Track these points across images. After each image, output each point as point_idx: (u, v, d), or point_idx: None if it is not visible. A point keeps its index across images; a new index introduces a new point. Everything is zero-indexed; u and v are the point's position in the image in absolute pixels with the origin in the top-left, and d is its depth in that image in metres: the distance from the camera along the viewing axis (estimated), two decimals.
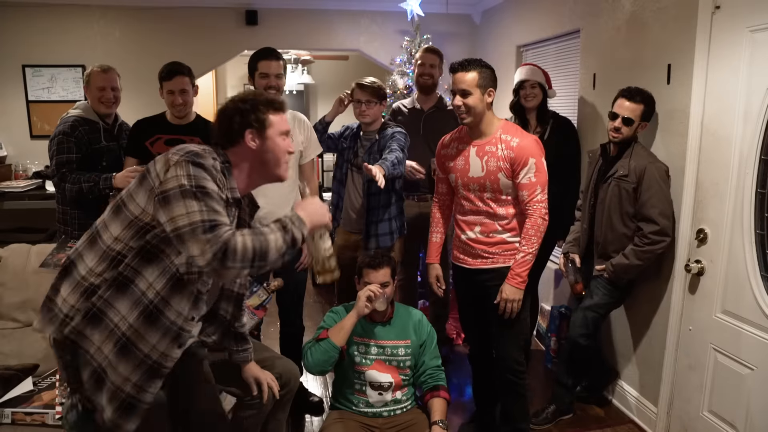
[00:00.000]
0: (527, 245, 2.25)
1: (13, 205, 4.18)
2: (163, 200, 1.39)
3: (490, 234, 2.33)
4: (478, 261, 2.37)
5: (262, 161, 1.61)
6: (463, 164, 2.34)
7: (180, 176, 1.40)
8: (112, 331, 1.44)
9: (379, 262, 2.26)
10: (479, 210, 2.33)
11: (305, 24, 4.86)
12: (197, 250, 1.35)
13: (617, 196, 2.56)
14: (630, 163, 2.52)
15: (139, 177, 1.48)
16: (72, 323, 1.44)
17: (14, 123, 4.59)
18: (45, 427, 1.96)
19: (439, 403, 2.27)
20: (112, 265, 1.45)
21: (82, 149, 2.77)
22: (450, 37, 4.96)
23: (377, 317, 2.31)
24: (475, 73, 2.21)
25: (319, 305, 4.49)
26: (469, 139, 2.36)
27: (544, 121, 3.09)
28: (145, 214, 1.43)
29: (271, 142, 1.59)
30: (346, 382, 2.31)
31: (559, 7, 3.56)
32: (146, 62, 4.28)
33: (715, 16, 2.30)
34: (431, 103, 3.33)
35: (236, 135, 1.57)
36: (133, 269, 1.44)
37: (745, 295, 2.20)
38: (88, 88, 2.87)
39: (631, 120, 2.51)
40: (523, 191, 2.25)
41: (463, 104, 2.23)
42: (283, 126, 1.62)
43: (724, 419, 2.32)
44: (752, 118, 2.14)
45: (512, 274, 2.26)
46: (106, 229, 1.48)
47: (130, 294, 1.44)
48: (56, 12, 4.47)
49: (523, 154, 2.22)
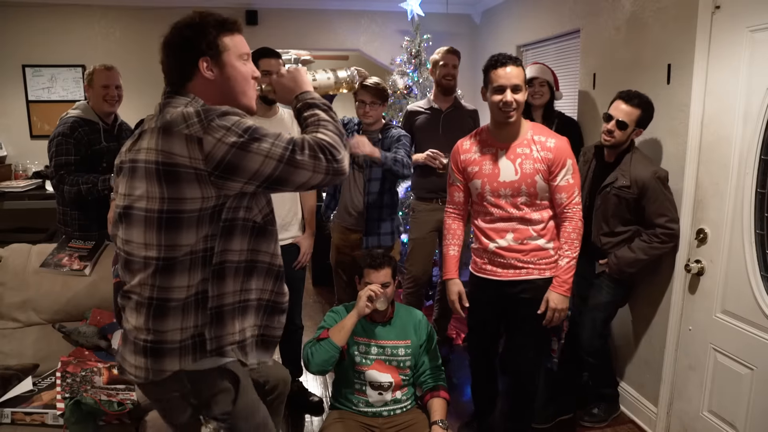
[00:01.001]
0: (571, 250, 2.18)
1: (13, 205, 4.18)
2: (228, 170, 1.24)
3: (524, 241, 2.20)
4: (511, 272, 2.24)
5: (224, 93, 1.40)
6: (491, 168, 2.20)
7: (223, 140, 1.23)
8: (234, 309, 1.39)
9: (380, 263, 2.26)
10: (511, 216, 2.20)
11: (305, 24, 4.86)
12: (307, 173, 1.27)
13: (616, 206, 2.50)
14: (631, 172, 2.45)
15: (159, 179, 1.26)
16: (207, 338, 1.35)
17: (14, 123, 4.59)
18: (45, 427, 1.96)
19: (439, 403, 2.28)
20: (204, 265, 1.33)
21: (82, 150, 2.76)
22: (450, 37, 4.95)
23: (377, 317, 2.31)
24: (521, 69, 2.12)
25: (319, 305, 4.48)
26: (494, 141, 2.23)
27: (549, 120, 3.09)
28: (207, 200, 1.28)
29: (230, 68, 1.38)
30: (346, 381, 2.31)
31: (559, 7, 3.56)
32: (147, 62, 4.26)
33: (715, 16, 2.29)
34: (449, 103, 3.35)
35: (189, 67, 1.36)
36: (220, 253, 1.34)
37: (745, 295, 2.20)
38: (90, 87, 2.84)
39: (626, 124, 2.43)
40: (561, 193, 2.17)
41: (515, 100, 2.10)
42: (242, 48, 1.41)
43: (724, 419, 2.32)
44: (752, 118, 2.14)
45: (559, 282, 2.18)
46: (173, 247, 1.29)
47: (229, 272, 1.36)
48: (57, 12, 4.47)
49: (561, 155, 2.16)
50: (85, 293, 2.47)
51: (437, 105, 3.34)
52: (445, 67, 3.29)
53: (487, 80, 2.17)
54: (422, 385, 2.36)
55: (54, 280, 2.47)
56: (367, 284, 2.24)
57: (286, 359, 2.98)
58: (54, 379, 2.08)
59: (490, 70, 2.14)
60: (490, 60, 2.16)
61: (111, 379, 2.10)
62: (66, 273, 2.49)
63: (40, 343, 2.35)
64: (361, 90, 2.80)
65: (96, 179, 2.68)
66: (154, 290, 1.31)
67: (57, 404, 1.96)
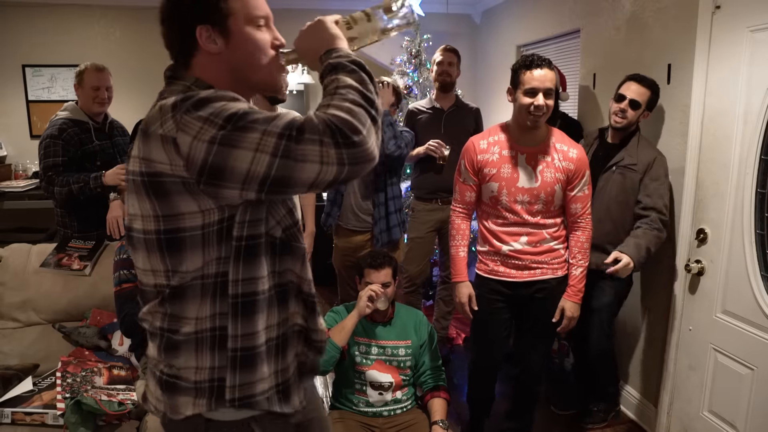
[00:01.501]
0: (584, 260, 2.21)
1: (13, 205, 4.18)
2: (214, 176, 0.94)
3: (538, 243, 2.20)
4: (526, 273, 2.22)
5: (235, 70, 1.09)
6: (511, 172, 2.15)
7: (199, 137, 0.94)
8: (268, 349, 1.10)
9: (381, 262, 2.26)
10: (526, 222, 2.18)
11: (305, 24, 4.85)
12: (314, 166, 0.92)
13: (620, 185, 2.48)
14: (638, 153, 2.46)
15: (148, 194, 1.01)
16: (227, 385, 1.06)
17: (14, 123, 4.59)
18: (45, 427, 1.95)
19: (440, 403, 2.28)
20: (217, 294, 1.05)
21: (71, 151, 2.71)
22: (450, 37, 4.95)
23: (378, 317, 2.31)
24: (554, 72, 2.07)
25: (319, 305, 4.48)
26: (514, 144, 2.17)
27: (552, 121, 3.08)
28: (209, 215, 1.01)
29: (238, 37, 1.07)
30: (346, 381, 2.31)
31: (559, 7, 3.56)
32: (146, 62, 4.29)
33: (715, 16, 2.29)
34: (450, 102, 3.36)
35: (188, 40, 1.06)
36: (242, 283, 1.05)
37: (745, 295, 2.20)
38: (80, 86, 2.80)
39: (639, 103, 2.44)
40: (577, 204, 2.19)
41: (545, 105, 2.04)
42: (256, 8, 1.10)
43: (724, 419, 2.32)
44: (752, 118, 2.14)
45: (573, 291, 2.20)
46: (176, 273, 1.04)
47: (259, 306, 1.07)
48: (56, 12, 4.47)
49: (582, 167, 2.16)
50: (85, 293, 2.47)
51: (439, 104, 3.35)
52: (440, 64, 3.30)
53: (516, 80, 2.10)
54: (422, 385, 2.36)
55: (54, 280, 2.47)
56: (367, 284, 2.24)
57: None
58: (54, 379, 2.08)
59: (522, 71, 2.06)
60: (523, 60, 2.08)
61: (111, 379, 2.10)
62: (66, 273, 2.48)
63: (40, 343, 2.35)
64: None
65: (87, 177, 2.63)
66: (165, 320, 1.07)
67: (57, 404, 1.95)
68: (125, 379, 2.14)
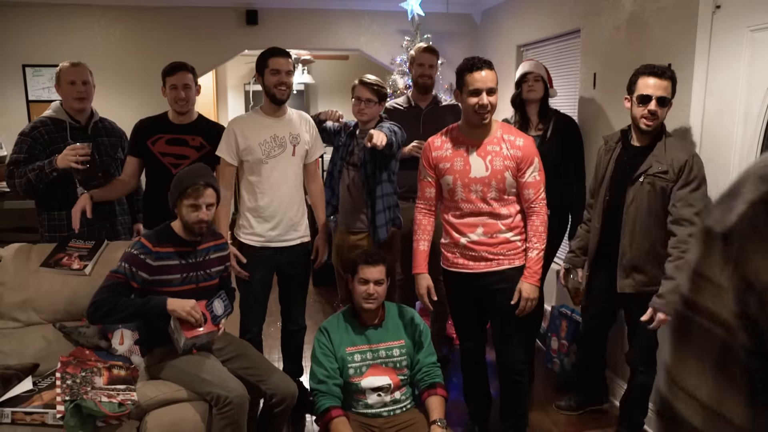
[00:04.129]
0: (539, 242, 2.29)
1: (13, 205, 4.18)
2: None
3: (494, 234, 2.31)
4: (482, 264, 2.34)
5: None
6: (463, 165, 2.30)
7: None
8: None
9: (375, 259, 2.27)
10: (481, 211, 2.30)
11: (305, 24, 4.85)
12: None
13: (651, 197, 2.24)
14: (666, 157, 2.21)
15: None
16: None
17: (14, 123, 4.56)
18: (45, 427, 1.96)
19: (437, 401, 2.27)
20: None
21: (37, 149, 2.68)
22: (450, 37, 4.96)
23: (369, 320, 2.31)
24: (495, 72, 2.23)
25: (319, 305, 4.49)
26: (465, 139, 2.32)
27: (545, 118, 3.07)
28: None
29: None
30: (345, 386, 2.31)
31: (560, 7, 3.56)
32: (146, 62, 4.29)
33: (715, 16, 2.29)
34: (428, 101, 3.34)
35: None
36: None
37: None
38: (58, 85, 2.79)
39: (666, 99, 2.21)
40: (529, 189, 2.28)
41: (489, 103, 2.20)
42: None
43: None
44: (752, 118, 2.14)
45: (530, 272, 2.28)
46: None
47: None
48: (57, 12, 4.47)
49: (529, 154, 2.28)
50: (85, 293, 2.46)
51: (416, 102, 3.33)
52: (421, 66, 3.26)
53: (461, 83, 2.24)
54: (419, 383, 2.35)
55: (54, 280, 2.47)
56: (361, 281, 2.25)
57: (287, 359, 2.98)
58: (54, 379, 2.07)
59: (465, 74, 2.21)
60: (465, 63, 2.24)
61: (111, 379, 2.10)
62: (66, 273, 2.48)
63: (40, 343, 2.35)
64: (358, 86, 2.79)
65: (42, 163, 2.59)
66: None
67: (57, 406, 1.95)
68: (125, 379, 2.14)
